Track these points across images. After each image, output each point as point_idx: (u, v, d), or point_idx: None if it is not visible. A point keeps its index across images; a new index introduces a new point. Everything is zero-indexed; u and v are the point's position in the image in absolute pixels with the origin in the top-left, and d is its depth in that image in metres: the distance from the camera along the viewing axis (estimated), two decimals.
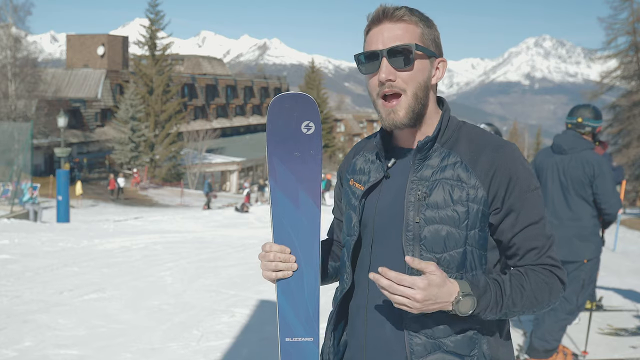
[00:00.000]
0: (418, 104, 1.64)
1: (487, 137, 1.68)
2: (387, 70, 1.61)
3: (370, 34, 1.66)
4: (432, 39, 1.66)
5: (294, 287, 1.69)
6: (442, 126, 1.68)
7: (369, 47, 1.65)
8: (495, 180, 1.60)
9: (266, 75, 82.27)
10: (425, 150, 1.65)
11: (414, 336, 1.61)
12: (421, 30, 1.64)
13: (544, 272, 1.63)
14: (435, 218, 1.60)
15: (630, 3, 41.10)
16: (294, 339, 1.69)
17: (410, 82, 1.62)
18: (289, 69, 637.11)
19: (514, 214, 1.62)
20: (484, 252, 1.65)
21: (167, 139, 47.58)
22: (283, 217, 1.68)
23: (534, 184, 1.65)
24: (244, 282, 7.78)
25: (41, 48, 53.83)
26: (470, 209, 1.59)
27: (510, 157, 1.63)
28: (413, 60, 1.61)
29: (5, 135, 23.27)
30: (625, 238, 17.44)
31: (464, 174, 1.61)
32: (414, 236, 1.61)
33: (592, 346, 5.19)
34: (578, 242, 4.61)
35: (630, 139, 40.16)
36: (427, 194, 1.61)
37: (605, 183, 4.50)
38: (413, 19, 1.64)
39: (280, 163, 1.67)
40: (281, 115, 1.64)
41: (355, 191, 1.76)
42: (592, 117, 4.70)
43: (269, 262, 1.68)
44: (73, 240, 11.73)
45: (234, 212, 27.17)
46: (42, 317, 5.80)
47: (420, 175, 1.64)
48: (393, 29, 1.62)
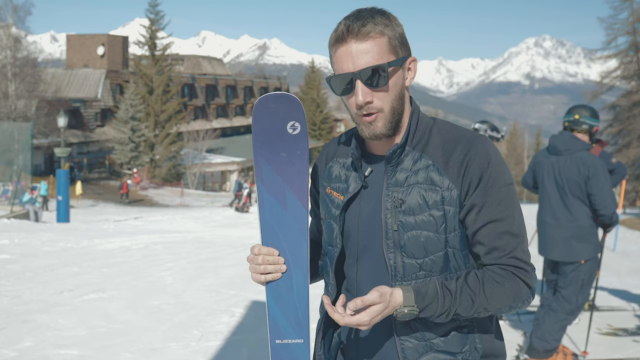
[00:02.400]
0: (396, 115, 1.62)
1: (458, 133, 1.65)
2: (363, 93, 1.58)
3: (338, 54, 1.60)
4: (400, 41, 1.61)
5: (283, 289, 1.68)
6: (411, 130, 1.66)
7: (340, 68, 1.60)
8: (466, 177, 1.58)
9: (266, 75, 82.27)
10: (395, 157, 1.63)
11: (405, 340, 1.62)
12: (388, 39, 1.58)
13: (505, 274, 1.59)
14: (412, 224, 1.59)
15: (630, 3, 41.09)
16: (284, 340, 1.69)
17: (387, 99, 1.60)
18: (289, 69, 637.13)
19: (476, 208, 1.58)
20: (466, 251, 1.64)
21: (167, 139, 47.58)
22: (270, 218, 1.68)
23: (505, 180, 1.60)
24: (244, 282, 7.78)
25: (41, 48, 53.84)
26: (446, 212, 1.58)
27: (482, 152, 1.60)
28: (387, 78, 1.58)
29: (5, 135, 23.28)
30: (625, 238, 17.43)
31: (436, 176, 1.59)
32: (394, 243, 1.60)
33: (592, 346, 5.19)
34: (575, 243, 4.61)
35: (630, 139, 40.14)
36: (402, 201, 1.60)
37: (600, 183, 4.50)
38: (378, 30, 1.57)
39: (267, 164, 1.66)
40: (266, 116, 1.64)
41: (334, 200, 1.73)
42: (589, 116, 4.71)
43: (257, 265, 1.68)
44: (73, 240, 11.73)
45: (234, 212, 27.18)
46: (42, 317, 5.80)
47: (394, 180, 1.62)
48: (361, 48, 1.57)
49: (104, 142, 46.90)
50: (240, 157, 54.03)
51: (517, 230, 1.61)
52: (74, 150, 43.50)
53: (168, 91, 49.46)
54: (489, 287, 1.57)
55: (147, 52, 49.52)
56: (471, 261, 1.65)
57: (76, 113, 46.02)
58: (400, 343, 1.62)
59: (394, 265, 1.61)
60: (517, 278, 1.59)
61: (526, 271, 1.60)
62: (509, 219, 1.60)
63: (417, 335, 1.61)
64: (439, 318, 1.56)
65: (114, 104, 49.52)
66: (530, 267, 1.62)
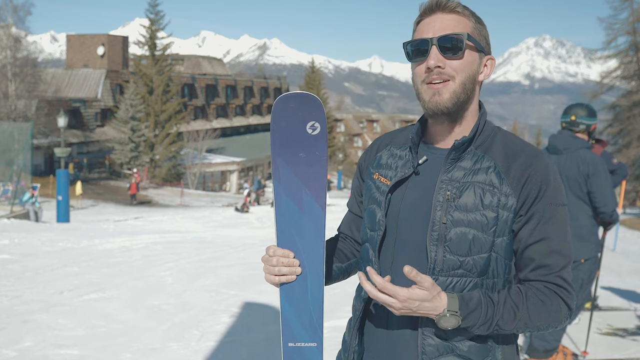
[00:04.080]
0: (464, 93, 1.61)
1: (523, 144, 1.65)
2: (436, 57, 1.58)
3: (421, 24, 1.64)
4: (483, 36, 1.65)
5: (297, 292, 1.65)
6: (479, 128, 1.65)
7: (419, 36, 1.62)
8: (526, 188, 1.57)
9: (266, 75, 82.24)
10: (461, 150, 1.61)
11: (428, 337, 1.59)
12: (473, 24, 1.63)
13: (548, 292, 1.59)
14: (463, 220, 1.57)
15: (630, 3, 41.13)
16: (297, 344, 1.66)
17: (460, 70, 1.59)
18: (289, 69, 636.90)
19: (533, 222, 1.58)
20: (509, 260, 1.62)
21: (167, 139, 47.58)
22: (287, 220, 1.64)
23: (561, 200, 1.60)
24: (244, 282, 7.78)
25: (41, 48, 53.82)
26: (500, 215, 1.57)
27: (544, 167, 1.60)
28: (464, 50, 1.59)
29: (5, 135, 23.29)
30: (625, 238, 17.44)
31: (496, 179, 1.58)
32: (439, 236, 1.58)
33: (592, 346, 5.19)
34: (575, 242, 4.59)
35: (630, 139, 40.17)
36: (457, 195, 1.58)
37: (600, 181, 4.50)
38: (466, 13, 1.63)
39: (285, 164, 1.62)
40: (285, 116, 1.59)
41: (380, 185, 1.72)
42: (586, 115, 4.70)
43: (272, 266, 1.65)
44: (73, 240, 11.72)
45: (234, 212, 27.18)
46: (42, 317, 5.80)
47: (451, 175, 1.60)
48: (445, 19, 1.60)
49: (104, 142, 46.89)
50: (240, 157, 54.03)
51: (567, 250, 1.61)
52: (74, 150, 43.48)
53: (168, 91, 49.46)
54: (532, 303, 1.57)
55: (147, 52, 49.52)
56: (512, 272, 1.64)
57: (76, 113, 46.01)
58: (422, 338, 1.59)
59: (435, 258, 1.58)
60: (559, 298, 1.59)
61: (568, 292, 1.60)
62: (562, 239, 1.60)
63: (442, 334, 1.59)
64: (481, 328, 1.54)
65: (114, 104, 49.51)
66: (572, 289, 1.61)
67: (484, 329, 1.54)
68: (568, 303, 1.60)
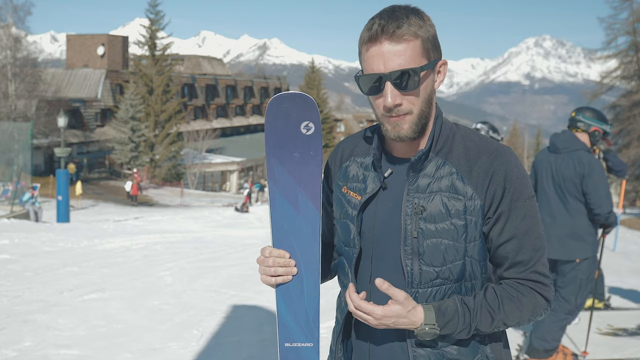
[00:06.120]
0: (424, 118, 1.60)
1: (482, 143, 1.64)
2: (392, 95, 1.54)
3: (369, 53, 1.55)
4: (432, 44, 1.58)
5: (293, 292, 1.65)
6: (435, 135, 1.63)
7: (370, 67, 1.56)
8: (490, 190, 1.57)
9: (266, 75, 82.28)
10: (419, 163, 1.61)
11: (417, 347, 1.61)
12: (421, 41, 1.55)
13: (524, 289, 1.60)
14: (432, 232, 1.57)
15: (630, 3, 41.14)
16: (293, 344, 1.66)
17: (416, 102, 1.57)
18: (289, 69, 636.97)
19: (501, 222, 1.59)
20: (484, 261, 1.63)
21: (167, 139, 47.60)
22: (282, 220, 1.64)
23: (527, 193, 1.60)
24: (244, 282, 7.78)
25: (41, 48, 53.95)
26: (468, 221, 1.57)
27: (506, 164, 1.59)
28: (419, 82, 1.55)
29: (5, 135, 23.28)
30: (625, 238, 17.44)
31: (460, 185, 1.58)
32: (413, 250, 1.58)
33: (592, 346, 5.19)
34: (572, 242, 4.61)
35: (630, 139, 40.17)
36: (424, 207, 1.58)
37: (595, 183, 4.49)
38: (412, 32, 1.53)
39: (280, 165, 1.62)
40: (279, 116, 1.59)
41: (351, 200, 1.70)
42: (590, 116, 4.70)
43: (267, 267, 1.65)
44: (73, 240, 11.72)
45: (234, 212, 27.19)
46: (42, 317, 5.80)
47: (416, 186, 1.60)
48: (393, 50, 1.52)
49: (104, 142, 46.90)
50: (240, 157, 54.05)
51: (539, 243, 1.62)
52: (74, 150, 43.49)
53: (168, 91, 49.48)
54: (508, 303, 1.59)
55: (147, 52, 49.55)
56: (488, 271, 1.65)
57: (76, 113, 46.02)
58: (412, 350, 1.61)
59: (411, 271, 1.59)
60: (536, 292, 1.61)
61: (545, 285, 1.62)
62: (532, 233, 1.61)
63: (430, 343, 1.60)
64: (461, 334, 1.57)
65: (114, 104, 49.52)
66: (548, 280, 1.63)
67: (463, 334, 1.57)
68: (545, 296, 1.62)
